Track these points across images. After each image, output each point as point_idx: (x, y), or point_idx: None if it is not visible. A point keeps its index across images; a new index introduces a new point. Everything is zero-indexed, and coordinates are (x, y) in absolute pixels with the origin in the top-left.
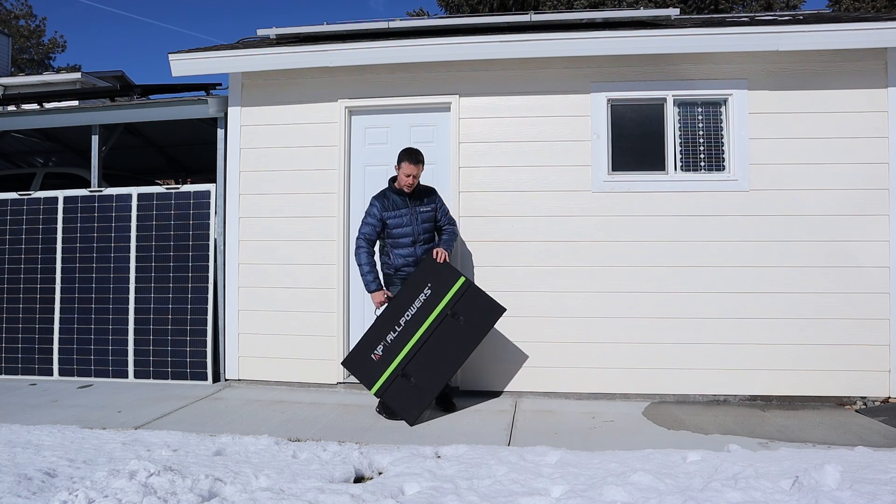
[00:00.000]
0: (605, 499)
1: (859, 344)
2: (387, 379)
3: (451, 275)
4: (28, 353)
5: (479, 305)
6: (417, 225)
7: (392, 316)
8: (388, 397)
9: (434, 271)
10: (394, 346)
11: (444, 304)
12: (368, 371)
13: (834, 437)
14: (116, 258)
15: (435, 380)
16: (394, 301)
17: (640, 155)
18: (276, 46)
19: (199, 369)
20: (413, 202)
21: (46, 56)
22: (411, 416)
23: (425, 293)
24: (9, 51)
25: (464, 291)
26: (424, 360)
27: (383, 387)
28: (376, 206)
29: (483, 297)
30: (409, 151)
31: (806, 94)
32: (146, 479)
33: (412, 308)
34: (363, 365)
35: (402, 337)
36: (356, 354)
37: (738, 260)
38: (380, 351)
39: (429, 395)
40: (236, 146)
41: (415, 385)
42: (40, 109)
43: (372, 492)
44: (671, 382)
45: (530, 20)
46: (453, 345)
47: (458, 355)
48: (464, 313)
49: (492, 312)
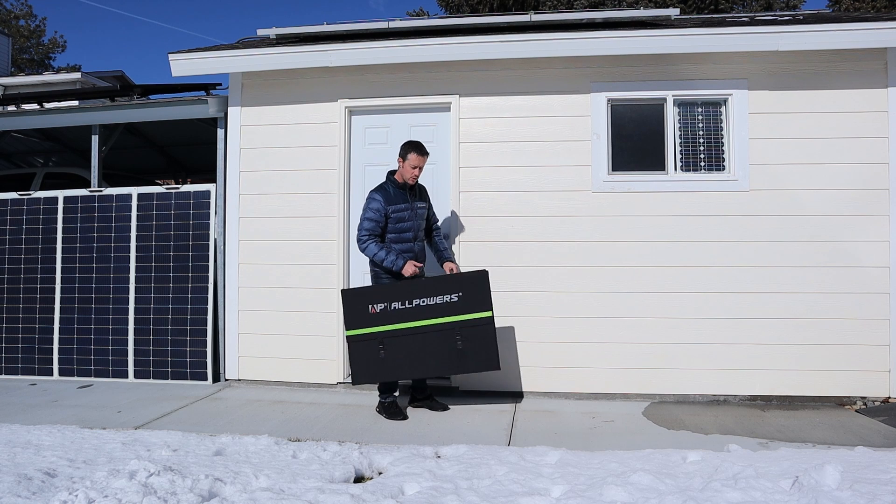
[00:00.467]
0: (605, 499)
1: (859, 344)
2: (365, 334)
3: (485, 303)
4: (28, 353)
5: (482, 345)
6: (417, 220)
7: (411, 291)
8: (354, 349)
9: (474, 287)
10: (393, 314)
11: (457, 319)
12: (357, 314)
13: (834, 437)
14: (116, 258)
15: (400, 369)
16: (422, 280)
17: (640, 155)
18: (276, 46)
19: (199, 369)
20: (412, 198)
21: (46, 56)
22: (358, 379)
23: (451, 297)
24: (9, 51)
25: (483, 324)
26: (404, 348)
27: (357, 337)
28: (378, 200)
29: (492, 342)
30: (415, 143)
31: (806, 94)
32: (146, 479)
33: (432, 299)
34: (357, 306)
35: (404, 314)
36: (358, 293)
37: (738, 260)
38: (379, 308)
39: (385, 376)
40: (236, 146)
41: (381, 359)
42: (40, 109)
43: (372, 492)
44: (671, 382)
45: (530, 20)
46: (436, 355)
47: (432, 367)
48: (465, 340)
49: (486, 359)
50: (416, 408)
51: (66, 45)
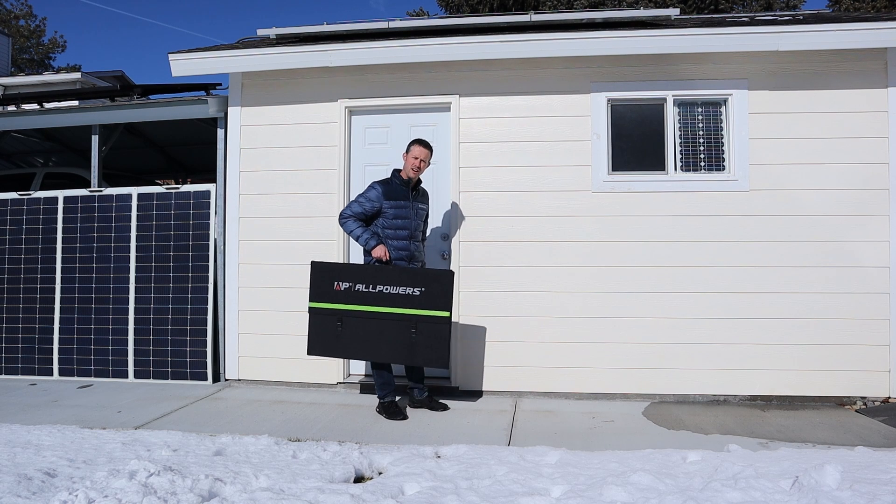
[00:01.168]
0: (605, 499)
1: (859, 344)
2: (326, 309)
3: (445, 302)
4: (28, 353)
5: (435, 343)
6: (416, 220)
7: (377, 276)
8: (313, 321)
9: (437, 286)
10: (355, 295)
11: (415, 313)
12: (322, 288)
13: (834, 437)
14: (116, 258)
15: (353, 349)
16: (390, 268)
17: (640, 155)
18: (276, 46)
19: (199, 369)
20: (414, 198)
21: (46, 56)
22: (313, 350)
23: (414, 290)
24: (9, 51)
25: (439, 322)
26: (361, 329)
27: (318, 310)
28: (377, 190)
29: (444, 341)
30: (419, 138)
31: (806, 94)
32: (146, 479)
33: (395, 289)
34: (323, 280)
35: (367, 297)
36: (326, 268)
37: (738, 260)
38: (343, 286)
39: (338, 353)
40: (236, 146)
41: (337, 335)
42: (40, 109)
43: (372, 492)
44: (671, 382)
45: (530, 20)
46: (389, 343)
47: (384, 352)
48: (419, 335)
49: (436, 357)
50: (416, 408)
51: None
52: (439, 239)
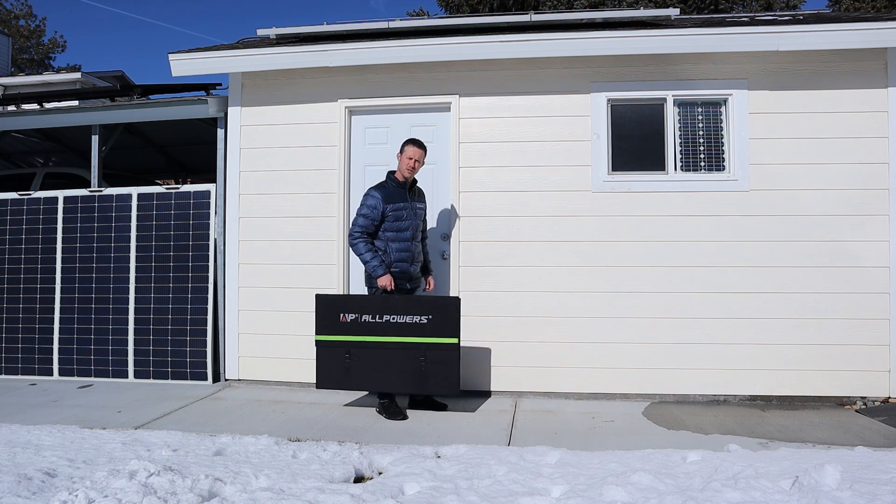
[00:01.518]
0: (605, 499)
1: (859, 344)
2: (333, 341)
3: (453, 329)
4: (28, 353)
5: (444, 370)
6: (415, 220)
7: (383, 306)
8: (321, 354)
9: (444, 313)
10: (363, 326)
11: (424, 341)
12: (328, 320)
13: (834, 437)
14: (116, 258)
15: (363, 380)
16: (396, 298)
17: (640, 155)
18: (276, 46)
19: (199, 369)
20: (411, 198)
21: (46, 56)
22: (323, 384)
23: (422, 318)
24: (9, 51)
25: (447, 349)
26: (370, 359)
27: (326, 343)
28: (376, 197)
29: (454, 367)
30: (412, 138)
31: (806, 94)
32: (146, 479)
33: (402, 318)
34: (328, 313)
35: (374, 328)
36: (332, 301)
37: (738, 260)
38: (350, 318)
39: (348, 385)
40: (236, 146)
41: (346, 367)
42: (40, 109)
43: (372, 492)
44: (671, 382)
45: (530, 20)
46: (399, 372)
47: (394, 383)
48: (429, 363)
49: (447, 384)
50: (416, 408)
51: (66, 45)
52: (439, 239)
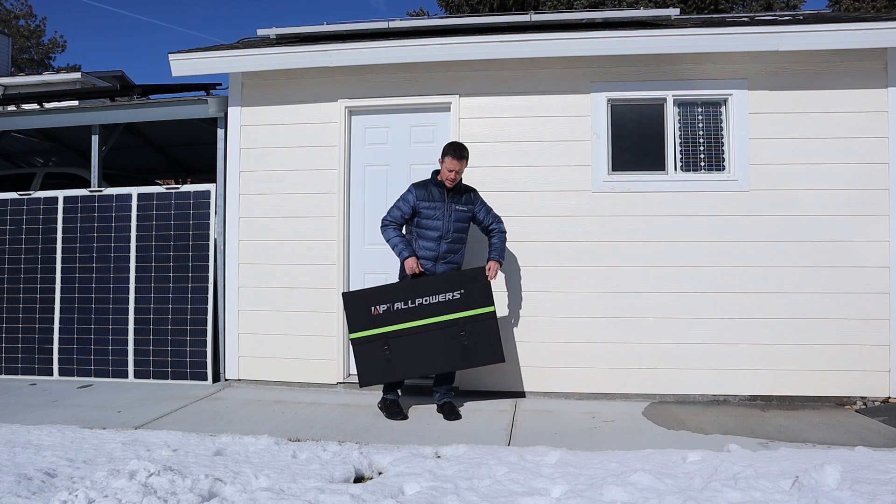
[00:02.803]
0: (605, 499)
1: (859, 344)
2: (370, 336)
3: (486, 298)
4: (28, 353)
5: (486, 341)
6: (449, 221)
7: (413, 290)
8: (359, 352)
9: (475, 284)
10: (396, 314)
11: (460, 316)
12: (360, 317)
13: (834, 437)
14: (116, 258)
15: (406, 368)
16: (424, 280)
17: (640, 155)
18: (276, 46)
19: (198, 369)
20: (451, 198)
21: (46, 56)
22: (366, 381)
23: (454, 294)
24: (9, 51)
25: (485, 319)
26: (409, 346)
27: (362, 339)
28: (413, 193)
29: (495, 335)
30: (453, 146)
31: (806, 94)
32: (146, 479)
33: (434, 298)
34: (359, 309)
35: (408, 313)
36: (360, 296)
37: (738, 260)
38: (381, 309)
39: (392, 376)
40: (236, 146)
41: (387, 359)
42: (40, 109)
43: (372, 492)
44: (671, 382)
45: (530, 20)
46: (441, 352)
47: (437, 363)
48: (469, 336)
49: (491, 353)
50: (416, 406)
51: (66, 45)
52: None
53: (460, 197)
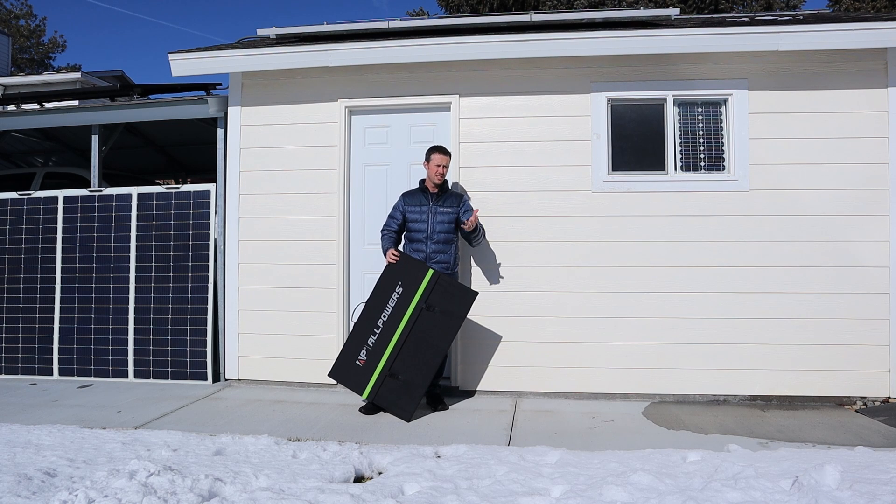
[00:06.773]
0: (605, 499)
1: (859, 344)
2: (375, 382)
3: (420, 269)
4: (28, 353)
5: (452, 293)
6: (433, 223)
7: (369, 319)
8: (380, 399)
9: (402, 269)
10: (376, 348)
11: (417, 299)
12: (356, 377)
13: (834, 437)
14: (116, 258)
15: (422, 374)
16: (368, 305)
17: (640, 155)
18: (276, 46)
19: (198, 369)
20: (436, 201)
21: (46, 56)
22: (406, 412)
23: (397, 292)
24: (9, 51)
25: (434, 283)
26: (409, 357)
27: (373, 390)
28: (402, 201)
29: (454, 284)
30: (435, 146)
31: (806, 94)
32: (146, 479)
33: (388, 308)
34: (350, 372)
35: (383, 338)
36: (341, 364)
37: (738, 260)
38: (364, 356)
39: (419, 390)
40: (236, 146)
41: (403, 382)
42: (40, 109)
43: (372, 492)
44: (671, 382)
45: (530, 20)
46: (434, 336)
47: (440, 346)
48: (438, 304)
49: (465, 298)
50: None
51: (66, 45)
52: None
53: (445, 200)
